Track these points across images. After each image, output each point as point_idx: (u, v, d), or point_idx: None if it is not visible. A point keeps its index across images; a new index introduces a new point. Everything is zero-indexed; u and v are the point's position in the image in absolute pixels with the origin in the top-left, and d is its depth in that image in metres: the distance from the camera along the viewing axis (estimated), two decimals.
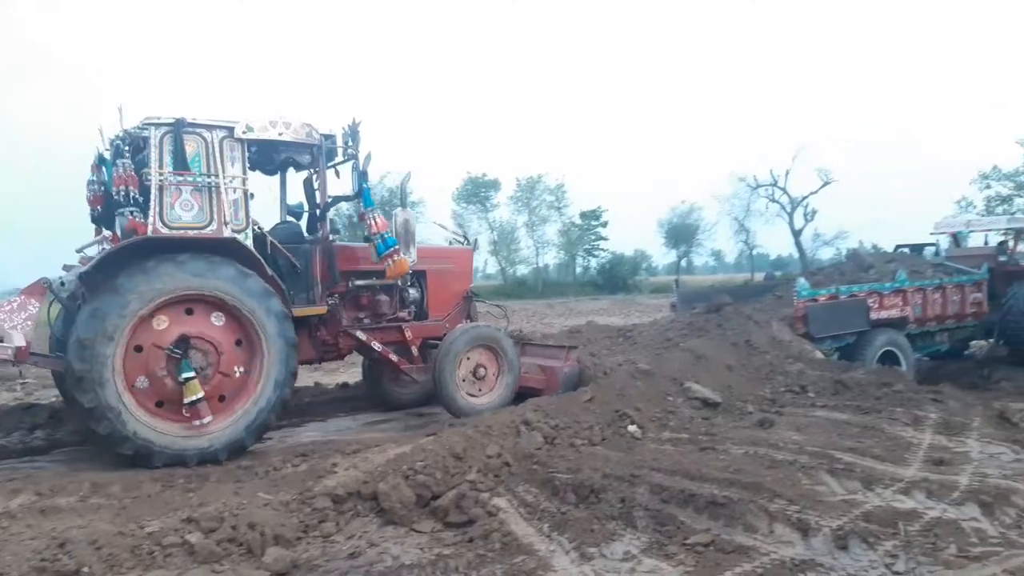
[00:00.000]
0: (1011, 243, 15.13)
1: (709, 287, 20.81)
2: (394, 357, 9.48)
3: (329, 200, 9.14)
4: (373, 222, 8.79)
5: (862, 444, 7.28)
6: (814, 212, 47.70)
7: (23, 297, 7.84)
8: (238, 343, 7.98)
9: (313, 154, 8.97)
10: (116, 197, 7.79)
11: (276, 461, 7.47)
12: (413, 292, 9.94)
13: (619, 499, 5.99)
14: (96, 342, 7.21)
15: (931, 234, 16.13)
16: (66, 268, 8.58)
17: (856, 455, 6.98)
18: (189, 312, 7.76)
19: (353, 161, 8.92)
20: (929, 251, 15.48)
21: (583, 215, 70.15)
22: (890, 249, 16.44)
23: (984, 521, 5.60)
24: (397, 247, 8.84)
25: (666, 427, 7.94)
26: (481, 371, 9.40)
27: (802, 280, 11.47)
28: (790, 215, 48.77)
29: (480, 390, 9.41)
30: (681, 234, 73.77)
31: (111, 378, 7.27)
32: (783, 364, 9.68)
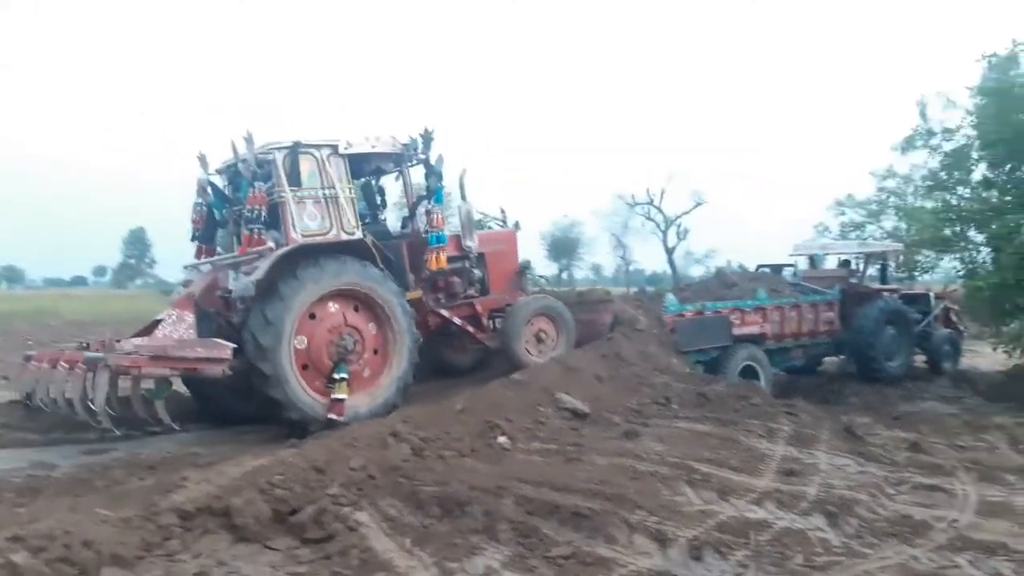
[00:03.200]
0: (860, 267, 16.17)
1: None
2: (470, 328, 10.74)
3: (415, 200, 10.53)
4: (435, 218, 10.07)
5: (720, 455, 7.54)
6: (686, 231, 49.62)
7: (177, 311, 8.85)
8: (372, 327, 9.31)
9: (396, 161, 10.42)
10: (250, 215, 8.91)
11: (120, 474, 6.97)
12: (477, 272, 11.08)
13: (484, 512, 5.91)
14: (272, 340, 8.45)
15: (790, 255, 17.04)
16: (185, 284, 10.15)
17: (714, 466, 7.22)
18: (333, 306, 9.06)
19: (426, 164, 10.15)
20: (788, 271, 16.35)
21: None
22: (753, 268, 17.25)
23: (829, 531, 5.90)
24: (444, 246, 10.05)
25: (536, 438, 7.94)
26: (542, 335, 10.75)
27: (670, 296, 11.85)
28: (664, 233, 50.50)
29: (541, 352, 10.62)
30: (563, 247, 74.98)
31: (287, 363, 8.54)
32: (650, 376, 9.92)
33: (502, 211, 12.48)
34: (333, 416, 8.65)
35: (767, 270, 15.89)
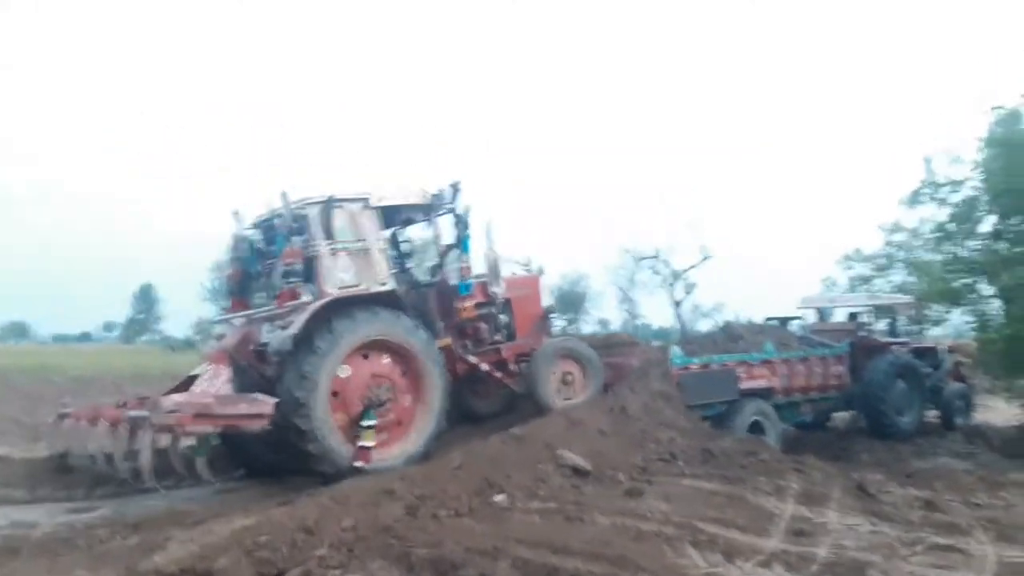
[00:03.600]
0: (870, 320, 15.94)
1: None
2: (498, 373, 10.89)
3: (443, 250, 10.72)
4: (465, 268, 10.49)
5: (726, 515, 7.26)
6: (693, 285, 49.36)
7: (213, 365, 8.97)
8: (404, 376, 9.49)
9: (425, 212, 10.64)
10: (287, 269, 9.13)
11: (103, 533, 6.74)
12: (504, 318, 11.22)
13: (479, 575, 5.66)
14: (308, 394, 8.57)
15: (798, 308, 16.83)
16: (218, 337, 10.42)
17: (720, 526, 6.94)
18: (365, 357, 9.24)
19: (455, 214, 10.38)
20: (795, 324, 16.12)
21: None
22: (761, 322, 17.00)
23: None
24: (470, 295, 10.49)
25: (535, 496, 7.67)
26: (568, 377, 10.83)
27: (676, 348, 11.63)
28: (671, 287, 50.32)
29: (569, 396, 10.72)
30: (570, 301, 74.87)
31: (323, 416, 8.65)
32: (655, 431, 9.66)
33: (526, 257, 12.38)
34: (359, 464, 8.71)
35: (775, 323, 15.65)
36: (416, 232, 11.64)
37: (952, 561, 6.43)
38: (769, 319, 15.83)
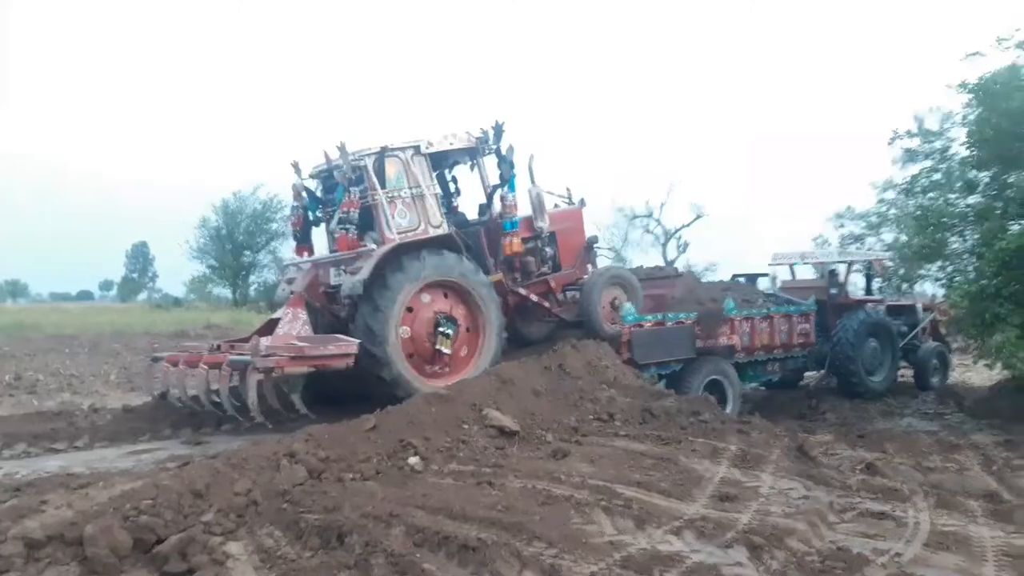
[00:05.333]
0: (841, 276, 15.45)
1: None
2: (546, 303, 11.50)
3: (490, 189, 11.15)
4: (511, 206, 10.80)
5: (651, 477, 6.87)
6: (686, 244, 48.72)
7: (292, 309, 9.69)
8: (466, 316, 10.11)
9: (471, 155, 11.07)
10: (345, 217, 9.74)
11: None
12: (549, 250, 11.72)
13: (364, 543, 5.28)
14: (383, 326, 9.27)
15: (769, 265, 16.33)
16: (289, 281, 10.86)
17: (642, 490, 6.55)
18: (428, 296, 9.85)
19: (498, 154, 10.80)
20: (764, 281, 15.65)
21: None
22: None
23: (749, 567, 5.21)
24: (516, 231, 10.81)
25: (454, 458, 7.27)
26: (616, 303, 11.51)
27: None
28: (664, 246, 49.71)
29: (614, 321, 11.35)
30: None
31: (394, 345, 9.34)
32: (595, 390, 9.23)
33: (567, 190, 12.73)
34: (437, 368, 9.81)
35: (742, 280, 15.18)
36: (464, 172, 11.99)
37: (881, 529, 6.02)
38: (736, 276, 15.37)
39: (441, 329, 9.73)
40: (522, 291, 11.24)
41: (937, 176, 15.08)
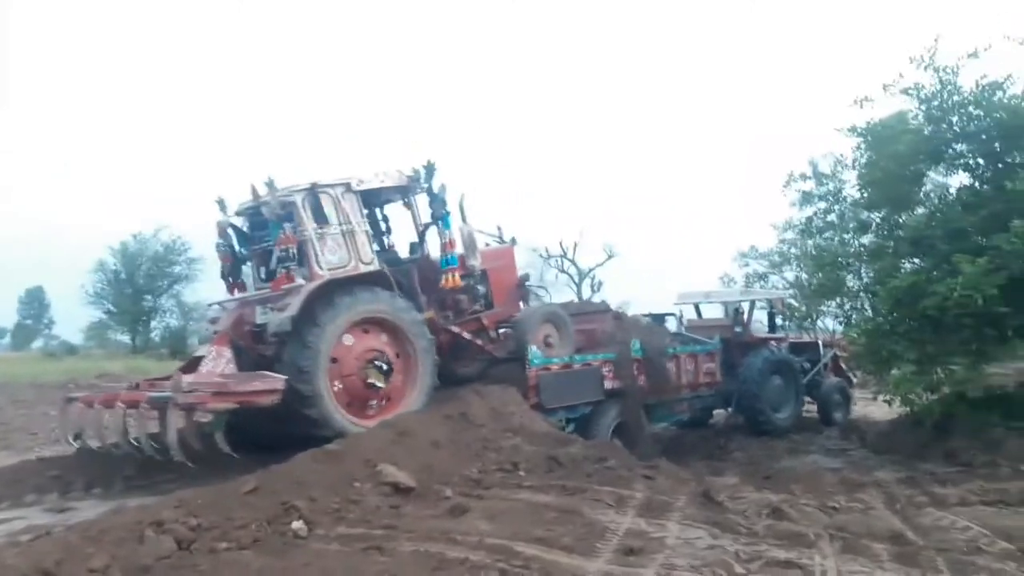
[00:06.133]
0: (745, 314, 15.67)
1: None
2: (479, 341, 11.46)
3: (422, 227, 11.27)
4: (448, 242, 10.83)
5: (553, 532, 6.48)
6: (600, 283, 49.36)
7: (216, 347, 9.48)
8: (396, 354, 9.92)
9: (403, 192, 11.13)
10: (282, 255, 9.55)
11: None
12: (481, 288, 11.78)
13: None
14: (312, 363, 9.03)
15: (675, 304, 16.42)
16: (212, 320, 10.74)
17: (543, 547, 6.16)
18: (365, 331, 9.73)
19: (430, 193, 10.84)
20: (672, 320, 15.71)
21: None
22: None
23: None
24: (455, 267, 10.78)
25: (342, 520, 6.73)
26: (549, 339, 11.73)
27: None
28: (578, 286, 50.16)
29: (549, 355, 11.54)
30: None
31: (322, 382, 9.11)
32: (499, 439, 8.86)
33: (498, 228, 12.74)
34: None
35: (648, 319, 15.19)
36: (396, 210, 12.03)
37: None
38: (644, 316, 15.38)
39: (376, 362, 9.58)
40: (455, 328, 11.21)
41: (831, 217, 15.58)
